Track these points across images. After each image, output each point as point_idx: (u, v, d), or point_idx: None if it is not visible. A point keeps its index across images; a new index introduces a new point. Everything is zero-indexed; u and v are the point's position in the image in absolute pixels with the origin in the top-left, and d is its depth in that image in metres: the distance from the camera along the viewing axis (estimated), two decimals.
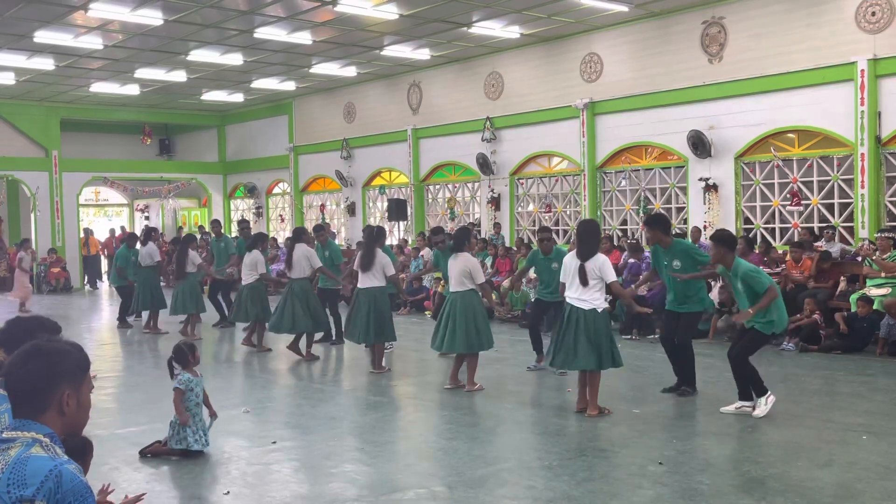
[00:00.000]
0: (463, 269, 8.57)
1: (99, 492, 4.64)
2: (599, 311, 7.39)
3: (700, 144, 14.06)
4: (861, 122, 12.36)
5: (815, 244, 12.49)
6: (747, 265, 7.36)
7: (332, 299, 12.17)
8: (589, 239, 7.57)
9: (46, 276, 22.47)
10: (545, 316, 10.28)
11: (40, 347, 2.29)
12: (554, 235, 11.32)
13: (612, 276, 7.43)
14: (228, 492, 5.55)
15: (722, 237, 7.51)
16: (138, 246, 14.22)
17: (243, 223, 14.78)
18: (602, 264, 7.40)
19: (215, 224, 15.57)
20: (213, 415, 6.56)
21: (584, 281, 7.38)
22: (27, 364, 2.26)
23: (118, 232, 24.92)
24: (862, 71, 12.27)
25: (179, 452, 6.26)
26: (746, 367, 7.32)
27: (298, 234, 11.36)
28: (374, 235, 9.97)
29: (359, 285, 9.84)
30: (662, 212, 14.45)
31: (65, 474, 2.13)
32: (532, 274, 11.68)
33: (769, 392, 7.26)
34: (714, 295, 11.97)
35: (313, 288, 11.34)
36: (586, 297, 7.40)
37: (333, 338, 11.96)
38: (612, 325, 7.71)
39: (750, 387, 7.34)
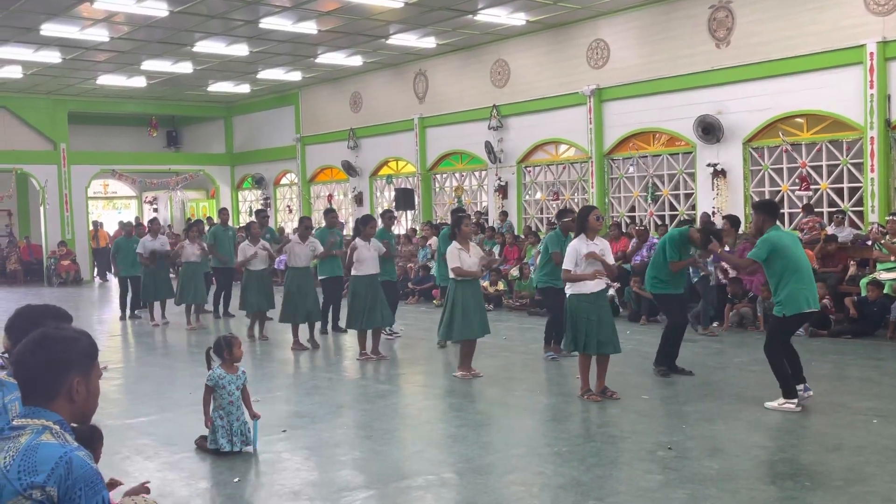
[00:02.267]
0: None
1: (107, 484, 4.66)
2: (567, 294, 7.65)
3: (710, 129, 13.98)
4: (870, 105, 12.27)
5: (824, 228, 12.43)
6: (770, 235, 7.04)
7: (336, 288, 12.31)
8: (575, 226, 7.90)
9: (56, 268, 22.58)
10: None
11: (49, 335, 2.30)
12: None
13: (564, 264, 7.58)
14: (239, 479, 5.59)
15: (762, 205, 7.46)
16: (149, 236, 14.19)
17: (261, 212, 14.72)
18: (567, 251, 7.64)
19: (223, 213, 15.27)
20: (253, 416, 6.25)
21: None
22: (36, 352, 2.26)
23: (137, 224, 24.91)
24: (871, 54, 12.17)
25: (213, 452, 6.09)
26: (773, 359, 7.02)
27: (299, 224, 11.56)
28: (356, 226, 10.31)
29: None
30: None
31: (75, 461, 2.15)
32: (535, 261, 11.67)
33: (795, 401, 6.88)
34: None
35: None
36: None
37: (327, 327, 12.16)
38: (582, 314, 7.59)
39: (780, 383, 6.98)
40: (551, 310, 9.79)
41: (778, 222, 7.38)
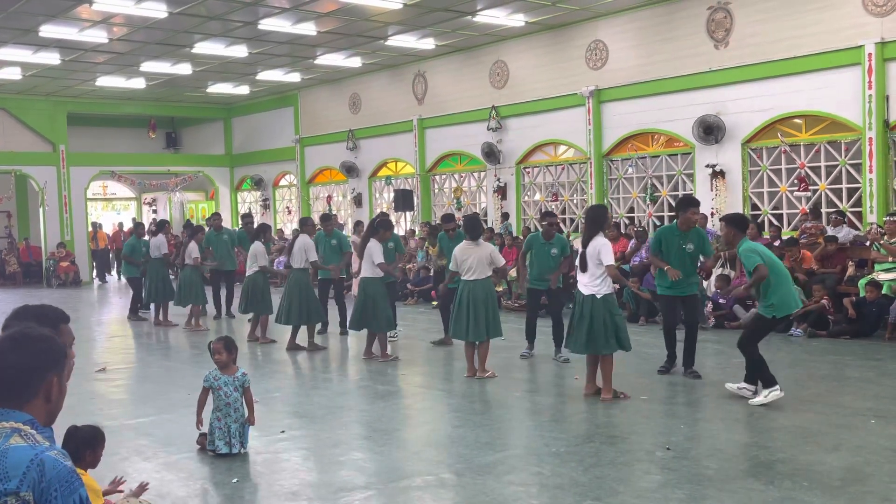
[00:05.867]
0: (482, 257, 8.63)
1: (111, 483, 4.69)
2: (598, 296, 7.51)
3: (711, 129, 13.94)
4: (869, 106, 12.27)
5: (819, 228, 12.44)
6: (748, 244, 7.32)
7: (337, 289, 12.26)
8: (589, 225, 7.73)
9: (56, 270, 22.57)
10: (540, 304, 10.36)
11: (29, 334, 2.22)
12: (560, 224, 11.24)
13: (608, 259, 7.46)
14: (237, 480, 5.59)
15: (732, 218, 7.67)
16: (147, 237, 14.32)
17: (247, 217, 14.85)
18: (600, 248, 7.49)
19: (215, 217, 15.33)
20: (248, 420, 6.17)
21: (583, 267, 7.61)
22: (17, 351, 2.18)
23: (127, 225, 24.92)
24: (869, 55, 12.17)
25: (212, 453, 6.08)
26: (752, 354, 7.29)
27: (302, 225, 11.47)
28: (372, 226, 10.15)
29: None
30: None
31: (47, 461, 2.06)
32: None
33: (777, 387, 7.11)
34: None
35: (313, 278, 11.38)
36: (586, 282, 7.61)
37: (340, 328, 12.04)
38: (617, 311, 7.70)
39: (756, 375, 7.33)
40: (529, 313, 9.88)
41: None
